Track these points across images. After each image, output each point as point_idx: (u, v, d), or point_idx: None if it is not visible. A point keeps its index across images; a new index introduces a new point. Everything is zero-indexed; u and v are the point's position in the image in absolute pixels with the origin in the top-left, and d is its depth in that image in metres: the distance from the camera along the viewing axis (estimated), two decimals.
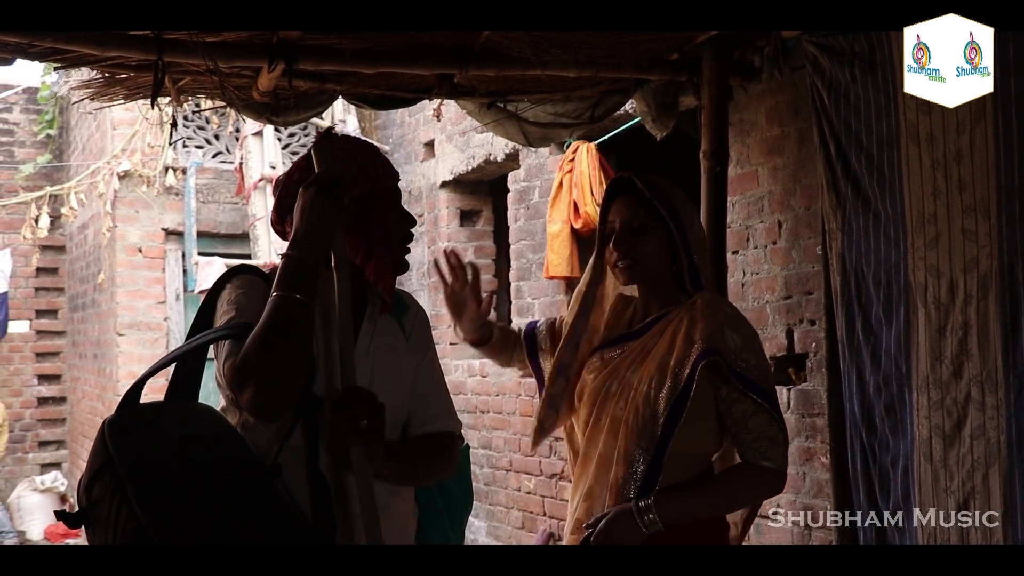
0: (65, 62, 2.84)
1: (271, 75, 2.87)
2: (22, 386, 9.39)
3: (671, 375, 2.14)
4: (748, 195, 3.60)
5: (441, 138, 6.06)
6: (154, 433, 1.63)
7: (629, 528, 2.10)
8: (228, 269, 1.94)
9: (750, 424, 2.15)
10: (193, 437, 1.65)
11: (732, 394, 2.15)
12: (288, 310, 1.66)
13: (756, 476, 2.18)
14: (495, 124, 3.64)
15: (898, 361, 2.77)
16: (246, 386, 1.63)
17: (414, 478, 1.94)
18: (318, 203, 1.71)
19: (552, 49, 2.99)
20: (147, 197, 7.17)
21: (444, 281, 2.42)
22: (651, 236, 2.23)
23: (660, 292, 2.28)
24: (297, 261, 1.70)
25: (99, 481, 1.57)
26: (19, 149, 9.48)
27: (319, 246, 1.71)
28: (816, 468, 3.31)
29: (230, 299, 1.82)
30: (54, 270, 9.42)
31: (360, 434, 1.70)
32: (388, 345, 1.93)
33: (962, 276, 2.60)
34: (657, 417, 2.13)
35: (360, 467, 1.70)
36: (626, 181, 2.30)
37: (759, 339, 2.26)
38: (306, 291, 1.68)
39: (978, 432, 2.56)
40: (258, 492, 1.59)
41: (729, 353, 2.13)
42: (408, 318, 2.00)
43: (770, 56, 3.26)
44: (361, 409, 1.70)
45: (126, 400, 1.68)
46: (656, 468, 2.12)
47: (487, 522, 5.65)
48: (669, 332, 2.20)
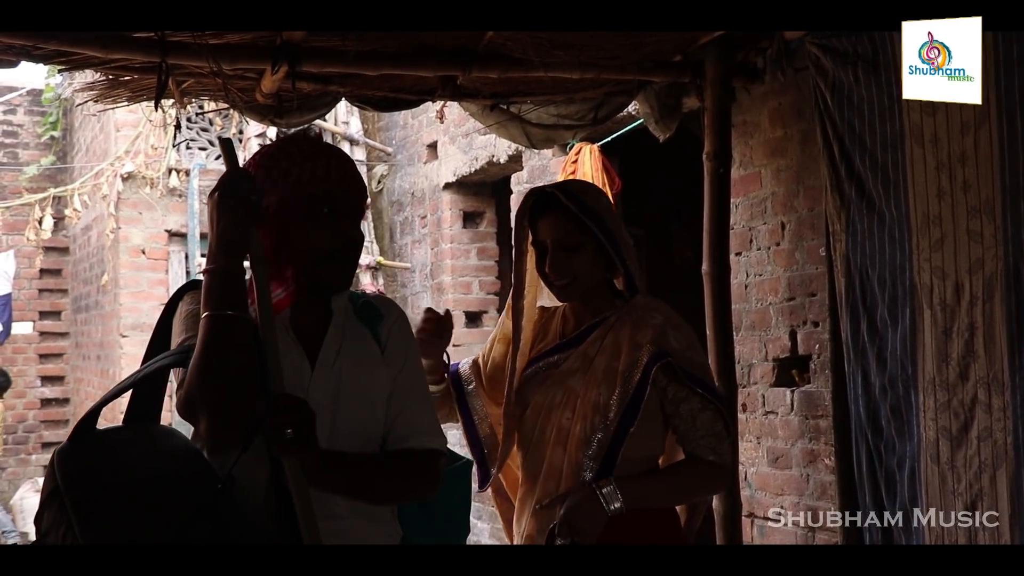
0: (69, 64, 2.85)
1: (274, 77, 2.87)
2: (25, 387, 9.41)
3: (621, 380, 2.13)
4: (751, 196, 3.59)
5: (444, 140, 6.06)
6: (104, 458, 1.57)
7: (592, 509, 2.07)
8: (181, 286, 1.84)
9: (698, 421, 2.16)
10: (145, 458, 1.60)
11: (680, 392, 2.15)
12: (219, 328, 1.58)
13: (704, 470, 2.18)
14: (498, 126, 3.64)
15: (904, 363, 2.77)
16: (198, 417, 1.57)
17: (379, 495, 1.80)
18: (224, 208, 1.63)
19: (555, 51, 2.99)
20: (150, 199, 7.18)
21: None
22: (584, 252, 2.21)
23: (594, 300, 2.27)
24: (216, 274, 1.62)
25: (48, 510, 1.53)
26: (23, 151, 9.50)
27: (234, 253, 1.63)
28: (820, 470, 3.30)
29: (182, 319, 1.74)
30: (58, 272, 9.44)
31: (288, 443, 1.58)
32: (358, 357, 1.81)
33: (968, 277, 2.60)
34: (608, 424, 2.12)
35: (294, 478, 1.60)
36: (550, 197, 2.24)
37: (697, 337, 2.26)
38: (233, 304, 1.60)
39: (985, 434, 2.56)
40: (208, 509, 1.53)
41: (676, 354, 2.14)
42: (384, 327, 1.87)
43: (773, 57, 3.26)
44: (286, 418, 1.58)
45: (79, 428, 1.62)
46: (606, 475, 2.10)
47: (490, 524, 5.65)
48: (611, 337, 2.19)
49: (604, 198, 2.31)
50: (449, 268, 6.11)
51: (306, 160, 1.76)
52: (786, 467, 3.45)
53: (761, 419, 3.54)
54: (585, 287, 2.24)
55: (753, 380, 3.58)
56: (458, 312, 6.11)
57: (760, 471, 3.57)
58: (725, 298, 3.32)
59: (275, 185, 1.74)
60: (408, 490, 1.84)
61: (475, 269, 6.16)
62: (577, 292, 2.25)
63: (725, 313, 3.30)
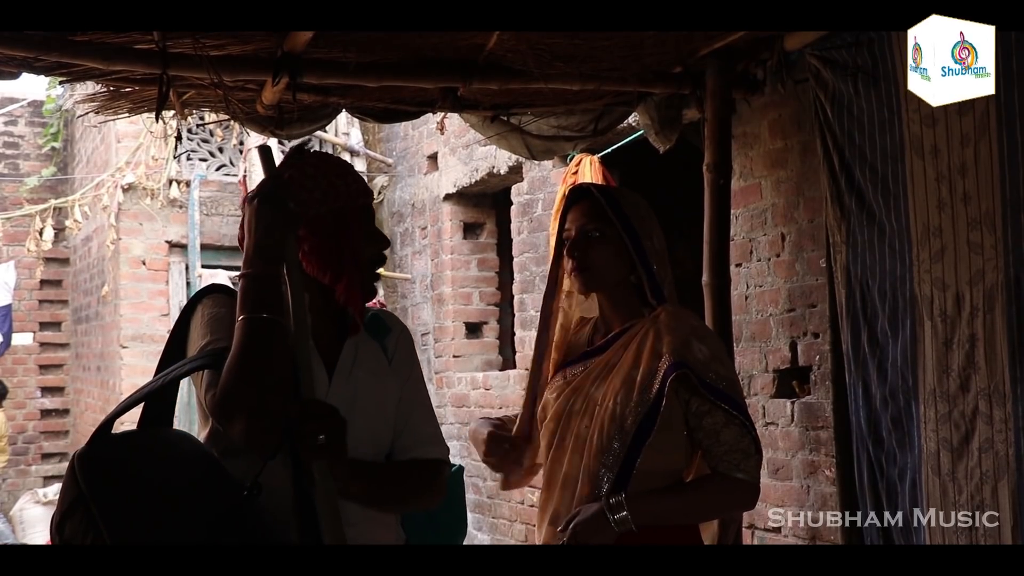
0: (70, 76, 2.85)
1: (275, 88, 2.88)
2: (25, 398, 9.39)
3: (639, 390, 2.10)
4: (751, 208, 3.60)
5: (444, 151, 6.07)
6: (126, 464, 1.57)
7: (599, 526, 2.05)
8: (198, 290, 1.87)
9: (722, 436, 2.11)
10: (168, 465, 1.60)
11: (703, 406, 2.10)
12: (257, 332, 1.60)
13: (729, 486, 2.12)
14: (498, 137, 3.64)
15: (904, 374, 2.76)
16: (234, 420, 1.58)
17: (391, 503, 1.86)
18: (263, 214, 1.67)
19: (555, 62, 2.99)
20: (151, 210, 7.18)
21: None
22: (605, 244, 2.19)
23: (621, 306, 2.24)
24: (253, 279, 1.65)
25: (71, 519, 1.51)
26: (24, 162, 9.50)
27: (272, 259, 1.66)
28: (820, 481, 3.29)
29: (203, 322, 1.75)
30: (58, 282, 9.43)
31: (319, 450, 1.61)
32: (371, 369, 1.86)
33: (968, 289, 2.60)
34: (624, 434, 2.08)
35: (322, 484, 1.62)
36: (584, 190, 2.28)
37: (726, 350, 2.22)
38: (270, 308, 1.62)
39: (986, 445, 2.55)
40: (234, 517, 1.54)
41: (698, 365, 2.09)
42: (391, 340, 1.92)
43: (773, 69, 3.26)
44: (318, 424, 1.61)
45: (98, 433, 1.61)
46: (622, 486, 2.08)
47: (491, 535, 5.63)
48: (634, 346, 2.16)
49: (643, 205, 2.26)
50: (449, 279, 6.11)
51: (347, 175, 1.83)
52: (787, 478, 3.45)
53: (761, 430, 3.53)
54: (602, 281, 2.22)
55: (753, 391, 3.58)
56: (458, 323, 6.11)
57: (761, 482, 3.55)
58: (725, 309, 3.31)
59: (325, 196, 1.78)
60: (418, 498, 1.89)
61: (475, 280, 6.16)
62: (594, 283, 2.22)
63: (725, 324, 3.30)
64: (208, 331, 1.73)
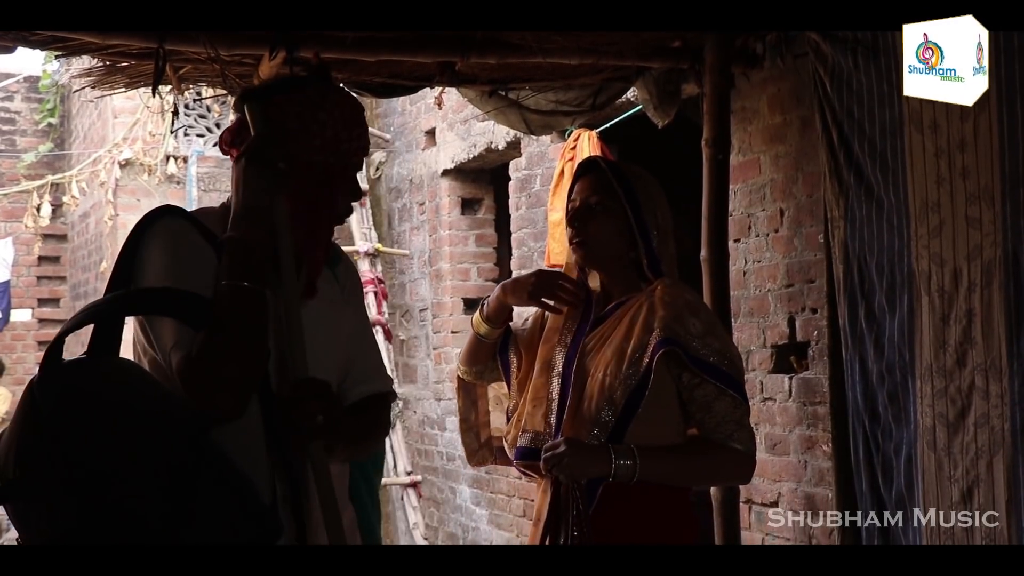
0: (66, 50, 2.84)
1: (272, 63, 2.86)
2: (24, 374, 9.40)
3: (629, 362, 2.10)
4: (750, 183, 3.59)
5: (442, 126, 6.04)
6: (85, 386, 1.51)
7: (597, 458, 2.05)
8: (147, 213, 1.68)
9: (714, 408, 2.11)
10: (126, 390, 1.52)
11: (693, 380, 2.10)
12: (238, 301, 1.54)
13: (727, 455, 2.13)
14: (496, 112, 3.63)
15: (901, 349, 2.77)
16: (203, 387, 1.51)
17: (359, 454, 1.83)
18: (250, 175, 1.59)
19: (554, 37, 2.98)
20: (148, 185, 7.16)
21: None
22: (606, 217, 2.19)
23: (619, 279, 2.24)
24: (238, 242, 1.57)
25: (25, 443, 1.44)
26: (20, 138, 9.47)
27: (258, 223, 1.58)
28: (818, 456, 3.31)
29: (157, 253, 1.62)
30: (56, 259, 9.42)
31: (318, 430, 1.57)
32: (329, 298, 1.77)
33: (966, 264, 2.60)
34: (614, 406, 2.09)
35: (319, 463, 1.59)
36: (593, 162, 2.29)
37: (721, 324, 2.22)
38: (253, 276, 1.55)
39: (982, 420, 2.56)
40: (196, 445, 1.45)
41: (690, 339, 2.09)
42: (341, 269, 1.84)
43: (772, 44, 3.25)
44: (316, 404, 1.56)
45: (48, 358, 1.55)
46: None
47: (488, 510, 5.66)
48: (627, 319, 2.16)
49: (652, 182, 2.26)
50: (447, 255, 6.11)
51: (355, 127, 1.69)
52: (784, 453, 3.46)
53: (759, 406, 3.54)
54: (600, 254, 2.22)
55: (752, 367, 3.59)
56: (456, 299, 6.11)
57: (758, 457, 3.56)
58: (723, 285, 3.32)
59: (324, 146, 1.66)
60: (379, 439, 1.89)
61: (473, 256, 6.16)
62: (592, 255, 2.23)
63: (723, 300, 3.31)
64: (158, 266, 1.62)
